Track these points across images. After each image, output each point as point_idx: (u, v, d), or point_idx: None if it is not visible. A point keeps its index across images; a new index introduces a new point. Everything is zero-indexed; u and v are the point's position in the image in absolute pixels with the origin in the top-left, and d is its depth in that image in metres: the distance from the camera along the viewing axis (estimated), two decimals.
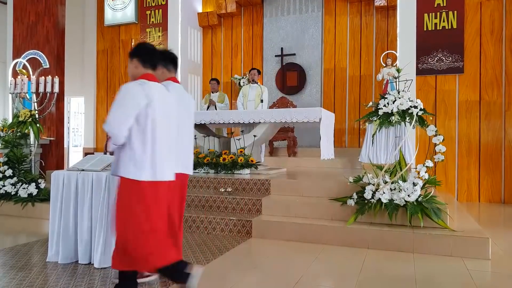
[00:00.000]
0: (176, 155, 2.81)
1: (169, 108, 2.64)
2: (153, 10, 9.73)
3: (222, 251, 3.88)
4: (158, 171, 2.51)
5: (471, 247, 3.71)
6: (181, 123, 2.92)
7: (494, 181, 7.04)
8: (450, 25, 7.27)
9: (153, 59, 2.67)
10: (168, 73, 3.06)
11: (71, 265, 3.41)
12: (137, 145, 2.47)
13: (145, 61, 2.62)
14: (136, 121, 2.45)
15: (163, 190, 2.58)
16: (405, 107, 4.64)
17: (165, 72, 3.04)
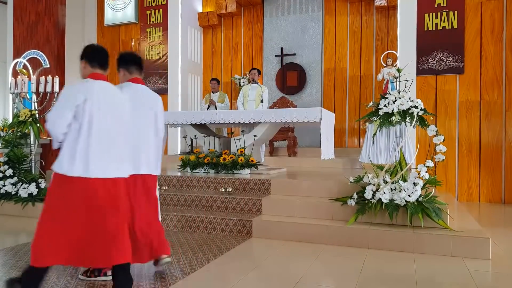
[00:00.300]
0: (136, 155, 2.95)
1: (113, 107, 2.61)
2: (153, 10, 9.72)
3: (223, 251, 3.88)
4: (91, 167, 2.46)
5: (472, 247, 3.71)
6: (142, 123, 3.02)
7: (495, 181, 7.04)
8: (450, 25, 7.26)
9: (99, 58, 2.70)
10: (129, 75, 3.14)
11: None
12: (72, 141, 2.47)
13: (92, 61, 2.68)
14: (74, 118, 2.47)
15: (99, 188, 2.48)
16: (406, 107, 4.63)
17: (126, 74, 3.14)
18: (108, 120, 2.57)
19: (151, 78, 9.70)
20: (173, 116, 6.26)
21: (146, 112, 3.09)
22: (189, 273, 3.22)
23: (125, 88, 3.02)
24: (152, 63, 9.68)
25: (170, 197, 5.18)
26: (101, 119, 2.52)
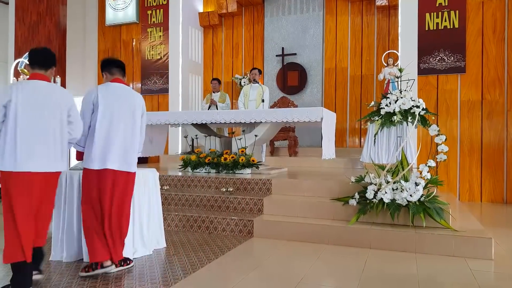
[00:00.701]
0: (106, 149, 3.10)
1: (42, 106, 2.81)
2: (154, 10, 9.72)
3: (224, 250, 3.87)
4: (19, 161, 2.69)
5: (474, 247, 3.70)
6: (115, 119, 3.16)
7: (496, 181, 7.02)
8: (451, 24, 7.25)
9: (37, 59, 2.94)
10: (110, 76, 3.34)
11: (75, 263, 3.42)
12: (2, 139, 2.72)
13: (31, 63, 2.94)
14: (4, 116, 2.72)
15: (33, 181, 2.73)
16: (407, 106, 4.63)
17: (107, 76, 3.35)
18: (34, 118, 2.77)
19: (152, 78, 9.70)
20: (174, 116, 6.25)
21: (119, 109, 3.21)
22: (190, 272, 3.21)
23: (100, 87, 3.23)
24: (153, 63, 9.68)
25: (171, 196, 5.17)
26: (24, 117, 2.73)
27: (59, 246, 3.55)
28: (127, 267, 3.26)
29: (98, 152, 3.11)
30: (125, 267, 3.24)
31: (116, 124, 3.16)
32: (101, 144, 3.12)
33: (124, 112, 3.21)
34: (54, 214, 3.57)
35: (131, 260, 3.34)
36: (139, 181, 3.63)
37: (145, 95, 9.87)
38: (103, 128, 3.13)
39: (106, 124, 3.13)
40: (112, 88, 3.25)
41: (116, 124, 3.16)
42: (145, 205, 3.75)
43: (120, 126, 3.18)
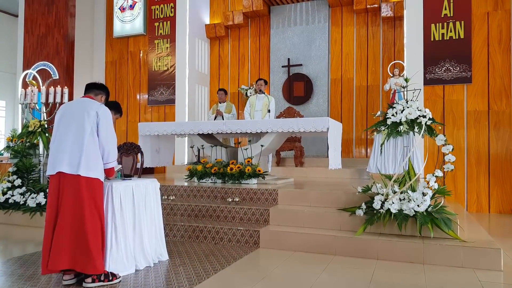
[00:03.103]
0: (57, 155, 3.16)
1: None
2: (161, 22, 9.84)
3: (230, 261, 3.85)
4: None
5: (483, 258, 3.65)
6: (66, 126, 3.24)
7: (504, 191, 6.95)
8: (457, 35, 7.26)
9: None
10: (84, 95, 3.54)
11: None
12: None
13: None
14: None
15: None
16: (414, 116, 4.62)
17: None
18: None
19: (158, 89, 9.78)
20: (180, 126, 6.29)
21: (71, 116, 3.25)
22: (196, 283, 3.20)
23: (67, 103, 3.57)
24: (160, 74, 9.77)
25: (177, 206, 5.18)
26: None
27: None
28: (109, 283, 3.11)
29: (51, 158, 3.18)
30: (106, 282, 3.09)
31: (66, 129, 3.19)
32: (53, 151, 3.20)
33: (75, 118, 3.20)
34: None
35: (116, 276, 3.20)
36: (139, 191, 3.60)
37: (152, 106, 9.94)
38: (56, 136, 3.23)
39: (58, 132, 3.23)
40: (74, 101, 3.42)
41: (65, 129, 3.19)
42: (145, 216, 3.66)
43: (70, 130, 3.17)
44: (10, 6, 12.62)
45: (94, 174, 3.14)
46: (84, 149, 3.13)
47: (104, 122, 3.21)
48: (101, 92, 3.53)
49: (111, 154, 3.26)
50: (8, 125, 12.98)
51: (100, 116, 3.20)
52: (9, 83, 12.98)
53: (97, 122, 3.18)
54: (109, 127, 3.24)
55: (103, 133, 3.21)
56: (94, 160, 3.15)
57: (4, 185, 6.01)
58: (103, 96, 3.54)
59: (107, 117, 3.24)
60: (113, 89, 10.66)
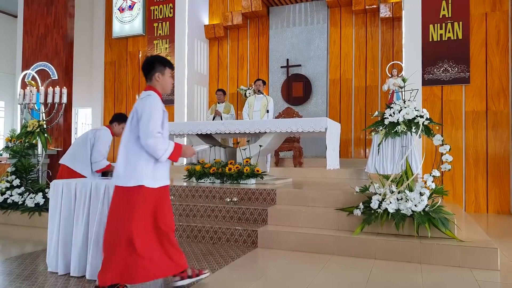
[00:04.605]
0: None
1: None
2: (161, 23, 9.86)
3: (228, 261, 3.86)
4: None
5: (480, 258, 3.66)
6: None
7: (502, 191, 6.96)
8: (455, 35, 7.28)
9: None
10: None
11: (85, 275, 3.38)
12: None
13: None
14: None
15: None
16: (411, 116, 4.63)
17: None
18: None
19: None
20: (179, 127, 6.29)
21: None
22: (194, 282, 3.21)
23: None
24: None
25: (176, 207, 5.18)
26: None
27: (53, 257, 3.47)
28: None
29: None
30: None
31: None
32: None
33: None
34: (49, 224, 3.54)
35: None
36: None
37: None
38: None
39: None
40: None
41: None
42: None
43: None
44: (10, 7, 12.63)
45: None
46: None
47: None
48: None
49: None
50: (7, 126, 12.98)
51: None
52: (9, 84, 12.99)
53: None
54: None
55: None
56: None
57: (2, 185, 6.02)
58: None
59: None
60: (112, 89, 10.67)
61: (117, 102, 10.59)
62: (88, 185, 3.43)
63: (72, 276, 3.33)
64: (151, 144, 2.76)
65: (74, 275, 3.32)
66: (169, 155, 2.86)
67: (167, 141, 2.86)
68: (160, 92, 3.05)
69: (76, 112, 11.24)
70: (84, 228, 3.38)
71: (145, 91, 3.05)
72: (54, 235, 3.49)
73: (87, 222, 3.38)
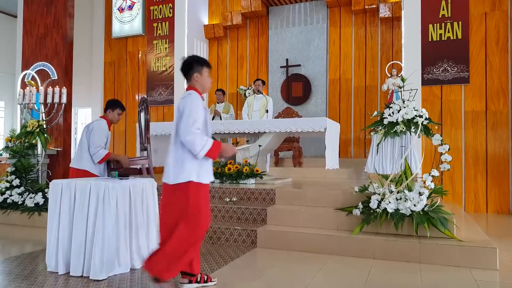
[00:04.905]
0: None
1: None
2: (160, 23, 9.85)
3: (227, 260, 3.86)
4: None
5: (479, 258, 3.67)
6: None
7: (502, 191, 6.96)
8: (455, 35, 7.28)
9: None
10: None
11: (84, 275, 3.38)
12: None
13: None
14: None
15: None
16: (410, 116, 4.63)
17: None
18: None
19: (157, 89, 9.79)
20: None
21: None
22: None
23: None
24: (159, 74, 9.78)
25: None
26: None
27: (53, 257, 3.47)
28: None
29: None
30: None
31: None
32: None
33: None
34: (49, 224, 3.53)
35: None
36: (136, 191, 3.61)
37: (150, 106, 9.94)
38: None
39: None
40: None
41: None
42: (141, 216, 3.66)
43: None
44: (9, 7, 12.62)
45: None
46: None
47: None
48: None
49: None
50: (7, 126, 12.98)
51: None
52: (8, 84, 12.98)
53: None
54: None
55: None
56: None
57: (2, 185, 6.03)
58: None
59: None
60: (112, 89, 10.67)
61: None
62: (88, 185, 3.44)
63: (71, 275, 3.34)
64: (189, 140, 2.80)
65: (74, 275, 3.33)
66: (207, 151, 2.86)
67: (205, 138, 2.87)
68: (200, 91, 3.06)
69: (75, 112, 11.24)
70: (84, 227, 3.39)
71: (186, 90, 3.08)
72: (54, 235, 3.49)
73: (87, 222, 3.39)
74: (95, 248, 3.30)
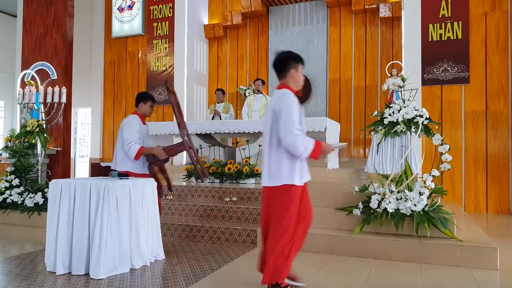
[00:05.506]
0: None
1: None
2: (160, 22, 9.85)
3: (227, 260, 3.86)
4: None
5: (479, 257, 3.66)
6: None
7: (502, 191, 6.96)
8: (455, 35, 7.28)
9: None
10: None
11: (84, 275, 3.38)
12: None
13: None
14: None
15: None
16: (411, 116, 4.62)
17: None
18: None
19: (157, 89, 9.78)
20: None
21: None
22: (193, 282, 3.21)
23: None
24: (159, 74, 9.77)
25: (175, 206, 5.18)
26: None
27: (52, 256, 3.46)
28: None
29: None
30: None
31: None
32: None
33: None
34: (48, 224, 3.51)
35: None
36: (136, 191, 3.61)
37: None
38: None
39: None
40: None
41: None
42: (141, 215, 3.66)
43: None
44: (9, 7, 12.62)
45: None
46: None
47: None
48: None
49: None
50: (6, 125, 12.97)
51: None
52: (8, 83, 12.97)
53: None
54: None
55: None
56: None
57: (2, 185, 6.01)
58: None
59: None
60: (112, 89, 10.66)
61: (117, 101, 10.58)
62: (88, 184, 3.43)
63: (71, 275, 3.34)
64: (291, 141, 2.76)
65: (74, 274, 3.33)
66: (310, 152, 2.83)
67: (307, 138, 2.84)
68: (294, 88, 3.02)
69: (75, 111, 11.22)
70: (83, 227, 3.39)
71: (279, 89, 3.03)
72: (53, 235, 3.48)
73: (88, 221, 3.39)
74: (95, 248, 3.29)
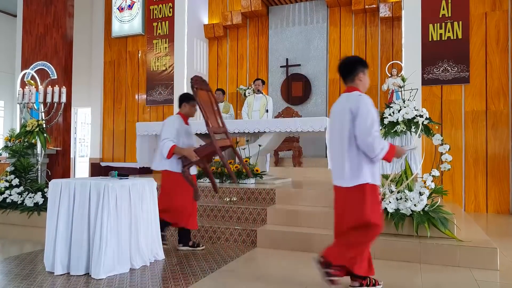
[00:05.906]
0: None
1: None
2: (160, 22, 9.84)
3: (227, 260, 3.86)
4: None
5: (479, 258, 3.66)
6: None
7: (502, 191, 6.96)
8: (455, 35, 7.27)
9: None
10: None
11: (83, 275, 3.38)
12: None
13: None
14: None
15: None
16: (411, 116, 4.62)
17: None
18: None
19: (157, 88, 9.78)
20: None
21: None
22: (192, 282, 3.20)
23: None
24: (158, 74, 9.77)
25: None
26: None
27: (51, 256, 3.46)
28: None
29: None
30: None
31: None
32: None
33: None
34: (48, 224, 3.50)
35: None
36: (136, 191, 3.61)
37: (150, 106, 9.94)
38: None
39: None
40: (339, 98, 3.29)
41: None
42: (141, 215, 3.66)
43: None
44: (9, 6, 12.61)
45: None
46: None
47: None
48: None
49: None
50: (6, 125, 12.97)
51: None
52: (8, 83, 12.97)
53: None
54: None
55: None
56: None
57: (1, 185, 6.01)
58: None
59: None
60: (112, 89, 10.66)
61: (116, 101, 10.58)
62: (88, 184, 3.43)
63: (71, 275, 3.33)
64: (370, 142, 2.80)
65: (74, 274, 3.32)
66: (385, 154, 2.85)
67: (383, 140, 2.88)
68: (362, 91, 3.04)
69: (75, 111, 11.22)
70: (83, 227, 3.39)
71: (351, 92, 3.03)
72: (52, 235, 3.48)
73: (87, 221, 3.39)
74: (95, 247, 3.29)
